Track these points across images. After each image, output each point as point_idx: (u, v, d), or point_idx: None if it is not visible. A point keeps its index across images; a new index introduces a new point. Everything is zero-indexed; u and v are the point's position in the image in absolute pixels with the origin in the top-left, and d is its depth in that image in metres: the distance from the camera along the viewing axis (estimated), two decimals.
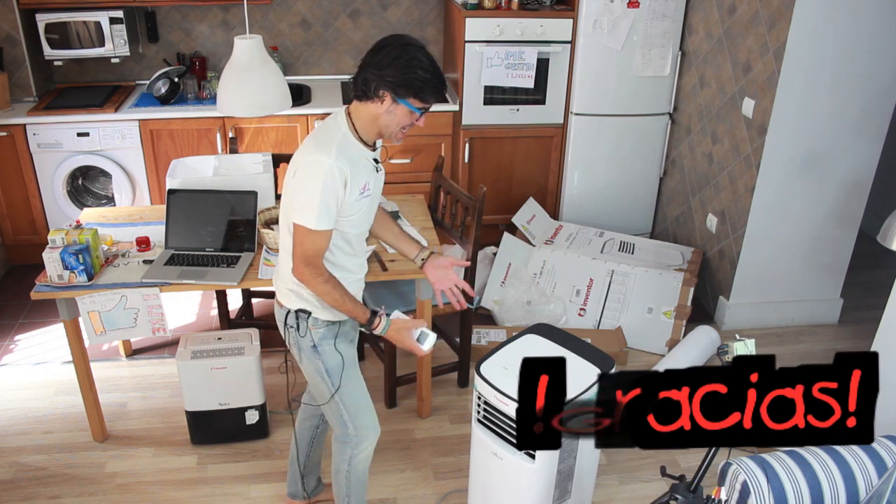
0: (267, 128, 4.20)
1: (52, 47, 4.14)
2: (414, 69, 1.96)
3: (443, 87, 2.02)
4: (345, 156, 2.03)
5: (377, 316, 2.18)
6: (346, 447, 2.38)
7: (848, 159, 3.60)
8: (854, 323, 4.03)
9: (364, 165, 2.10)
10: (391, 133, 2.08)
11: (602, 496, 2.87)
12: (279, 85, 2.99)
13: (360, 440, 2.36)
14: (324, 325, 2.24)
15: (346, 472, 2.41)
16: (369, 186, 2.13)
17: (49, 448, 3.05)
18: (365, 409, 2.35)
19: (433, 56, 2.03)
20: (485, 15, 4.10)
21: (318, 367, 2.28)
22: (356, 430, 2.34)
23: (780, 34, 3.33)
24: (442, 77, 2.02)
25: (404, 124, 2.05)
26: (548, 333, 2.54)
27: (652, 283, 3.83)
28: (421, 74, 1.97)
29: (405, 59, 1.96)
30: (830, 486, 2.10)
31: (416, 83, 1.97)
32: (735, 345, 2.08)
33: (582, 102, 4.31)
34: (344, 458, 2.40)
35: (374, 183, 2.17)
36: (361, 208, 2.13)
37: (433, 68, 1.99)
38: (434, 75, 1.99)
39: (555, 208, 4.63)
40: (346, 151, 2.04)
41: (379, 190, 2.25)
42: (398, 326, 2.21)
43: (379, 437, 2.41)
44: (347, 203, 2.07)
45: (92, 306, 2.74)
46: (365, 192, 2.11)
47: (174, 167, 3.19)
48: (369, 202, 2.16)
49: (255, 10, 4.48)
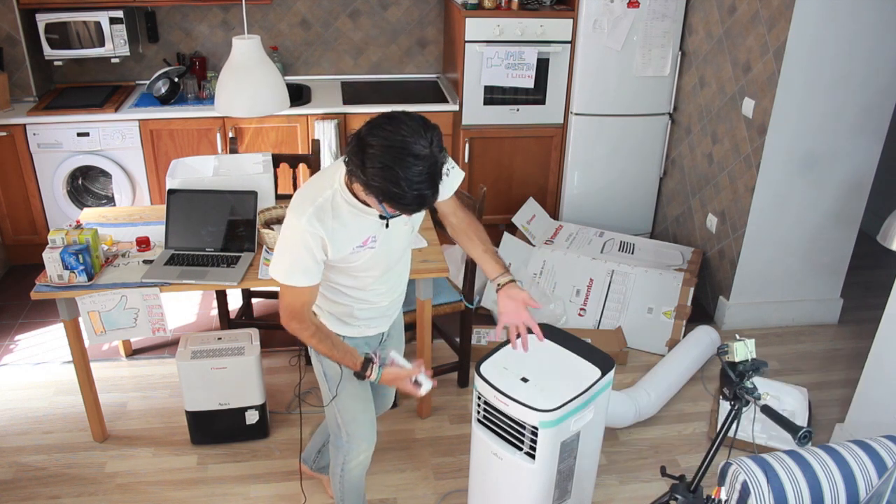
0: (267, 128, 4.20)
1: (52, 47, 4.14)
2: (399, 184, 1.70)
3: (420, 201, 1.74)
4: (323, 216, 1.88)
5: (370, 365, 2.10)
6: (339, 453, 2.38)
7: (848, 159, 3.60)
8: (854, 323, 4.03)
9: (362, 224, 1.95)
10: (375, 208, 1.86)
11: (602, 496, 2.87)
12: (277, 85, 2.99)
13: (351, 448, 2.34)
14: None
15: (340, 476, 2.42)
16: (375, 240, 1.99)
17: (49, 448, 3.05)
18: (361, 420, 2.32)
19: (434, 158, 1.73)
20: (485, 15, 4.10)
21: (320, 370, 2.29)
22: (349, 437, 2.33)
23: (780, 34, 3.33)
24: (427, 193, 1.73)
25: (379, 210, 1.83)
26: (548, 333, 2.54)
27: (652, 283, 3.83)
28: (392, 188, 1.70)
29: (392, 175, 1.69)
30: (830, 486, 2.10)
31: (388, 194, 1.73)
32: (735, 345, 2.08)
33: (582, 102, 4.31)
34: (337, 463, 2.40)
35: (386, 236, 2.01)
36: (364, 258, 2.02)
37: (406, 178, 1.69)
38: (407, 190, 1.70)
39: (555, 208, 4.63)
40: (328, 212, 1.89)
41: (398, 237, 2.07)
42: (391, 377, 2.11)
43: (373, 448, 2.39)
44: (336, 258, 1.97)
45: (92, 306, 2.74)
46: (367, 244, 1.99)
47: (174, 167, 3.19)
48: (375, 254, 2.03)
49: (255, 10, 4.48)
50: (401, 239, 2.10)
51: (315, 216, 1.88)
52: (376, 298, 2.18)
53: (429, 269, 2.89)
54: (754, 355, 2.09)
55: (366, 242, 1.99)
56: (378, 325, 2.28)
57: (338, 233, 1.91)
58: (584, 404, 2.32)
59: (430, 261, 2.94)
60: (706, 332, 3.65)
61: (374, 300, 2.18)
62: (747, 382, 2.07)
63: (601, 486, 2.90)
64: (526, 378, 2.32)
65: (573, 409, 2.28)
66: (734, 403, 2.10)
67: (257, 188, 3.01)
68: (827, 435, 3.19)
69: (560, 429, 2.27)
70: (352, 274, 2.07)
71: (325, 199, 1.90)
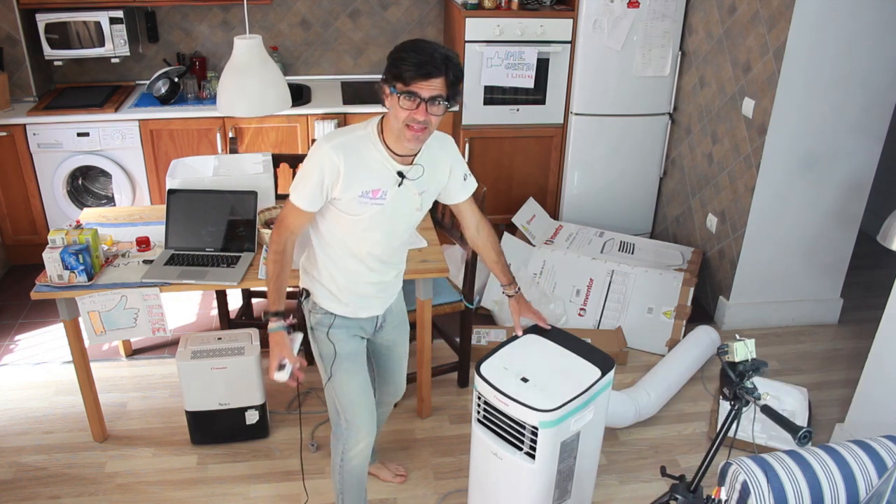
0: (267, 128, 4.20)
1: (52, 47, 4.14)
2: (397, 52, 1.93)
3: (424, 60, 1.88)
4: (348, 149, 2.01)
5: (278, 317, 2.17)
6: (338, 441, 2.41)
7: (848, 159, 3.60)
8: (854, 323, 4.03)
9: (379, 172, 2.05)
10: (398, 132, 1.99)
11: (602, 496, 2.87)
12: (279, 85, 2.99)
13: (350, 435, 2.36)
14: (321, 311, 2.27)
15: (340, 466, 2.44)
16: (384, 196, 2.07)
17: (49, 448, 3.05)
18: (359, 405, 2.34)
19: (439, 45, 1.95)
20: (485, 15, 4.10)
21: (316, 352, 2.34)
22: (347, 424, 2.36)
23: (780, 34, 3.33)
24: (425, 52, 1.89)
25: (402, 117, 1.95)
26: (548, 333, 2.54)
27: (652, 283, 3.83)
28: (400, 54, 1.91)
29: (395, 49, 1.95)
30: (830, 486, 2.10)
31: (394, 63, 1.92)
32: (735, 345, 2.08)
33: (582, 102, 4.31)
34: (337, 452, 2.42)
35: (395, 196, 2.09)
36: (368, 213, 2.08)
37: (415, 47, 1.90)
38: (412, 50, 1.90)
39: (555, 208, 4.63)
40: (354, 147, 2.03)
41: (406, 208, 2.15)
42: (277, 340, 2.17)
43: (373, 437, 2.41)
44: (344, 198, 2.05)
45: (92, 306, 2.74)
46: (376, 197, 2.06)
47: (174, 167, 3.19)
48: (380, 212, 2.09)
49: (255, 10, 4.48)
50: (408, 211, 2.16)
51: (340, 145, 2.01)
52: (368, 274, 2.22)
53: (429, 269, 2.89)
54: (754, 355, 2.09)
55: (375, 194, 2.06)
56: (370, 306, 2.31)
57: (354, 170, 2.01)
58: (584, 404, 2.32)
59: (430, 261, 2.94)
60: (706, 332, 3.65)
61: (365, 275, 2.22)
62: (747, 382, 2.07)
63: (601, 486, 2.90)
64: (526, 378, 2.32)
65: (573, 409, 2.28)
66: (734, 403, 2.10)
67: (257, 188, 3.00)
68: (827, 435, 3.19)
69: (560, 429, 2.27)
70: (354, 231, 2.13)
71: (355, 137, 2.05)
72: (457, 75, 1.94)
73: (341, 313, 2.27)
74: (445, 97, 1.94)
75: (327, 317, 2.27)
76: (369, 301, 2.30)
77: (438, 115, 1.96)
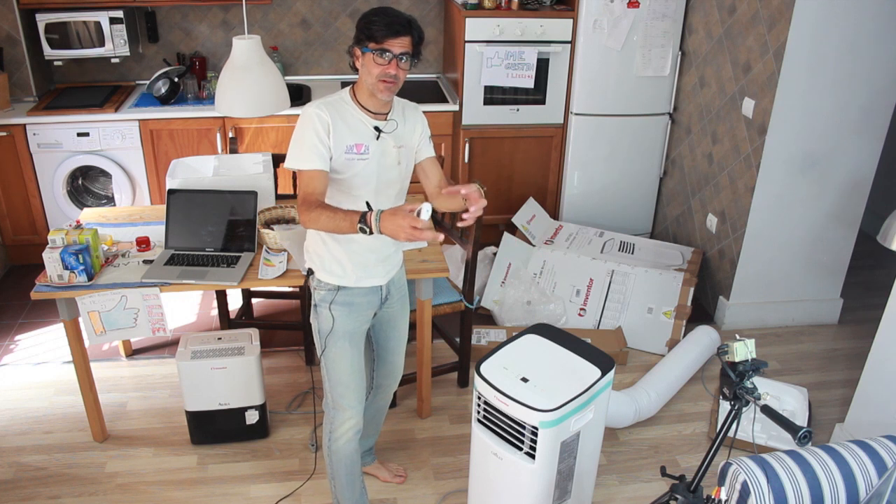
0: (267, 128, 4.20)
1: (52, 47, 4.14)
2: (366, 16, 2.14)
3: (393, 23, 2.10)
4: (330, 106, 2.18)
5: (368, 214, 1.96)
6: (326, 421, 2.46)
7: (848, 159, 3.60)
8: (854, 323, 4.03)
9: (359, 128, 2.21)
10: (372, 86, 2.15)
11: (602, 496, 2.87)
12: (277, 85, 2.99)
13: (336, 414, 2.42)
14: (325, 286, 2.33)
15: (328, 448, 2.48)
16: (367, 150, 2.20)
17: (49, 448, 3.05)
18: (347, 384, 2.39)
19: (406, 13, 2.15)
20: (485, 15, 4.10)
21: (315, 327, 2.38)
22: (334, 402, 2.42)
23: (780, 34, 3.33)
24: (393, 16, 2.11)
25: (375, 73, 2.13)
26: (548, 333, 2.54)
27: (652, 283, 3.83)
28: (370, 17, 2.12)
29: (362, 16, 2.16)
30: (830, 486, 2.10)
31: (365, 26, 2.12)
32: (735, 345, 2.08)
33: (582, 102, 4.31)
34: (326, 432, 2.48)
35: (377, 150, 2.22)
36: (355, 169, 2.20)
37: (383, 11, 2.13)
38: (381, 14, 2.12)
39: (555, 208, 4.63)
40: (335, 106, 2.20)
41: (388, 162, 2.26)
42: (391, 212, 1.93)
43: (360, 421, 2.44)
44: (336, 156, 2.17)
45: (92, 306, 2.74)
46: (360, 152, 2.20)
47: (174, 167, 3.19)
48: (366, 167, 2.21)
49: (255, 10, 4.48)
50: (390, 164, 2.27)
51: (323, 104, 2.19)
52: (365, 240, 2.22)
53: (429, 269, 2.89)
54: (754, 355, 2.09)
55: (359, 148, 2.20)
56: (372, 275, 2.35)
57: (338, 125, 2.18)
58: (584, 404, 2.32)
59: (430, 261, 2.94)
60: (706, 332, 3.65)
61: (365, 242, 2.27)
62: (747, 382, 2.07)
63: (601, 486, 2.90)
64: (526, 378, 2.32)
65: (573, 409, 2.28)
66: (734, 403, 2.10)
67: (257, 188, 3.01)
68: (827, 435, 3.19)
69: (560, 429, 2.27)
70: (347, 194, 2.22)
71: (333, 99, 2.23)
72: (420, 36, 2.18)
73: (345, 283, 2.32)
74: (412, 54, 2.16)
75: (330, 292, 2.32)
76: (371, 270, 2.35)
77: (406, 70, 2.17)
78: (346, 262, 2.30)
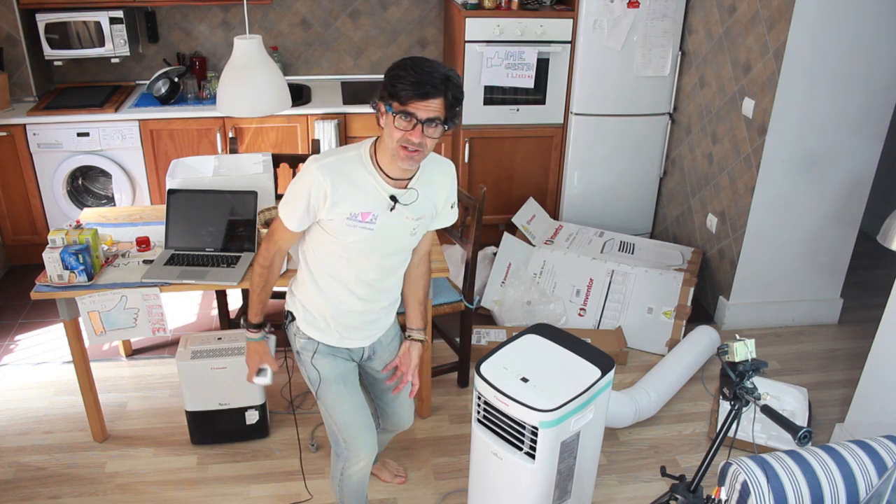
0: (267, 128, 4.20)
1: (52, 47, 4.14)
2: (394, 69, 1.85)
3: (422, 80, 1.81)
4: (336, 170, 1.95)
5: (259, 328, 2.26)
6: (338, 460, 2.35)
7: (848, 159, 3.60)
8: (854, 323, 4.03)
9: (370, 194, 1.98)
10: (393, 152, 1.91)
11: (602, 496, 2.88)
12: (279, 85, 2.99)
13: (350, 456, 2.30)
14: (304, 336, 2.23)
15: (339, 481, 2.39)
16: (374, 219, 1.99)
17: (49, 448, 3.05)
18: (355, 426, 2.26)
19: (439, 63, 1.87)
20: (485, 15, 4.10)
21: (304, 374, 2.30)
22: (346, 444, 2.29)
23: (780, 34, 3.33)
24: (424, 71, 1.82)
25: (396, 137, 1.87)
26: (548, 333, 2.54)
27: (652, 283, 3.83)
28: (397, 72, 1.83)
29: (392, 66, 1.87)
30: (830, 486, 2.10)
31: (391, 82, 1.84)
32: (735, 345, 2.08)
33: (582, 102, 4.31)
34: (337, 468, 2.37)
35: (386, 220, 2.01)
36: (356, 237, 2.01)
37: (414, 65, 1.82)
38: (411, 70, 1.82)
39: (555, 208, 4.63)
40: (344, 168, 1.96)
41: (398, 232, 2.07)
42: (256, 349, 2.28)
43: (374, 456, 2.35)
44: (330, 220, 1.99)
45: (92, 306, 2.74)
46: (364, 221, 1.98)
47: (174, 167, 3.19)
48: (370, 237, 2.01)
49: (255, 10, 4.48)
50: (400, 236, 2.08)
51: (329, 165, 1.96)
52: (355, 303, 2.15)
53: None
54: (754, 355, 2.09)
55: (365, 217, 1.98)
56: (355, 337, 2.23)
57: (342, 191, 1.95)
58: (584, 404, 2.32)
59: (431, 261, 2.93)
60: (706, 332, 3.65)
61: (352, 304, 2.15)
62: (747, 382, 2.07)
63: (601, 486, 2.90)
64: (526, 378, 2.32)
65: (573, 409, 2.28)
66: (734, 403, 2.10)
67: (257, 188, 3.00)
68: (827, 435, 3.19)
69: (560, 429, 2.27)
70: (342, 256, 2.06)
71: (346, 157, 1.99)
72: (456, 97, 1.85)
73: (325, 341, 2.21)
74: (443, 119, 1.86)
75: (311, 343, 2.22)
76: (354, 332, 2.22)
77: (434, 138, 1.88)
78: (330, 320, 2.18)
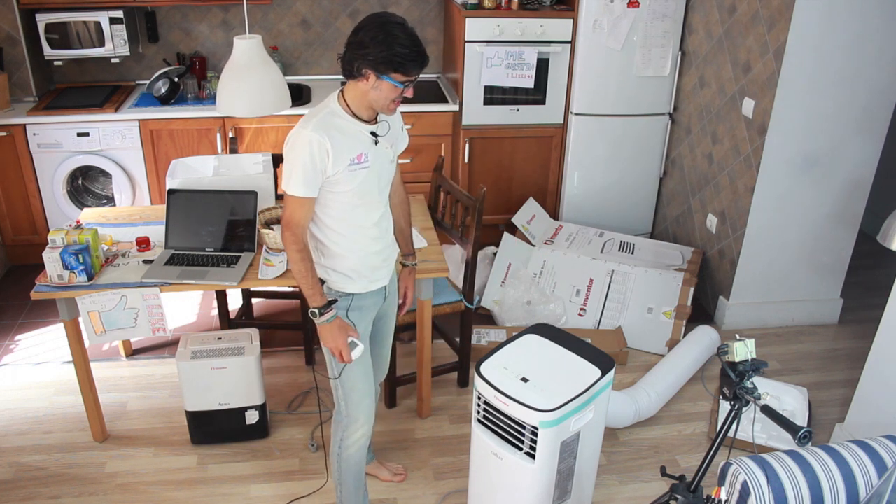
0: (267, 128, 4.20)
1: (52, 47, 4.14)
2: (392, 46, 2.03)
3: (423, 59, 2.08)
4: (326, 126, 2.12)
5: (327, 309, 2.24)
6: (338, 427, 2.46)
7: (848, 159, 3.60)
8: (854, 323, 4.03)
9: (357, 137, 2.18)
10: (381, 107, 2.15)
11: (602, 496, 2.88)
12: (279, 85, 2.99)
13: (349, 423, 2.42)
14: (337, 294, 2.32)
15: (337, 454, 2.48)
16: (367, 158, 2.19)
17: (49, 448, 3.05)
18: (361, 392, 2.40)
19: (412, 29, 2.08)
20: (485, 15, 4.10)
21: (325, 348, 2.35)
22: (348, 411, 2.41)
23: (780, 34, 3.33)
24: (421, 49, 2.08)
25: (392, 97, 2.12)
26: (548, 333, 2.54)
27: (652, 283, 3.83)
28: (399, 50, 2.03)
29: (383, 37, 2.03)
30: (830, 486, 2.10)
31: (395, 59, 2.04)
32: (735, 345, 2.08)
33: (582, 102, 4.31)
34: (336, 439, 2.48)
35: (375, 155, 2.22)
36: (358, 179, 2.19)
37: (411, 42, 2.05)
38: (412, 49, 2.05)
39: (555, 208, 4.63)
40: (330, 123, 2.14)
41: (384, 163, 2.28)
42: (338, 325, 2.27)
43: (371, 432, 2.45)
44: (338, 172, 2.14)
45: (92, 306, 2.74)
46: (361, 162, 2.18)
47: (174, 167, 3.19)
48: (368, 174, 2.21)
49: (255, 10, 4.48)
50: (386, 164, 2.29)
51: (319, 124, 2.12)
52: (374, 243, 2.32)
53: (429, 269, 2.89)
54: (754, 355, 2.09)
55: (360, 158, 2.18)
56: (379, 276, 2.38)
57: (338, 142, 2.12)
58: (584, 404, 2.32)
59: (430, 261, 2.94)
60: (706, 332, 3.65)
61: (372, 245, 2.31)
62: (747, 382, 2.07)
63: (601, 486, 2.90)
64: (526, 378, 2.32)
65: (573, 409, 2.28)
66: (734, 403, 2.10)
67: (257, 188, 3.01)
68: (827, 435, 3.19)
69: (560, 429, 2.27)
70: (352, 203, 2.22)
71: (326, 114, 2.16)
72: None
73: (357, 290, 2.32)
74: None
75: (345, 299, 2.33)
76: (378, 273, 2.37)
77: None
78: (359, 268, 2.31)
